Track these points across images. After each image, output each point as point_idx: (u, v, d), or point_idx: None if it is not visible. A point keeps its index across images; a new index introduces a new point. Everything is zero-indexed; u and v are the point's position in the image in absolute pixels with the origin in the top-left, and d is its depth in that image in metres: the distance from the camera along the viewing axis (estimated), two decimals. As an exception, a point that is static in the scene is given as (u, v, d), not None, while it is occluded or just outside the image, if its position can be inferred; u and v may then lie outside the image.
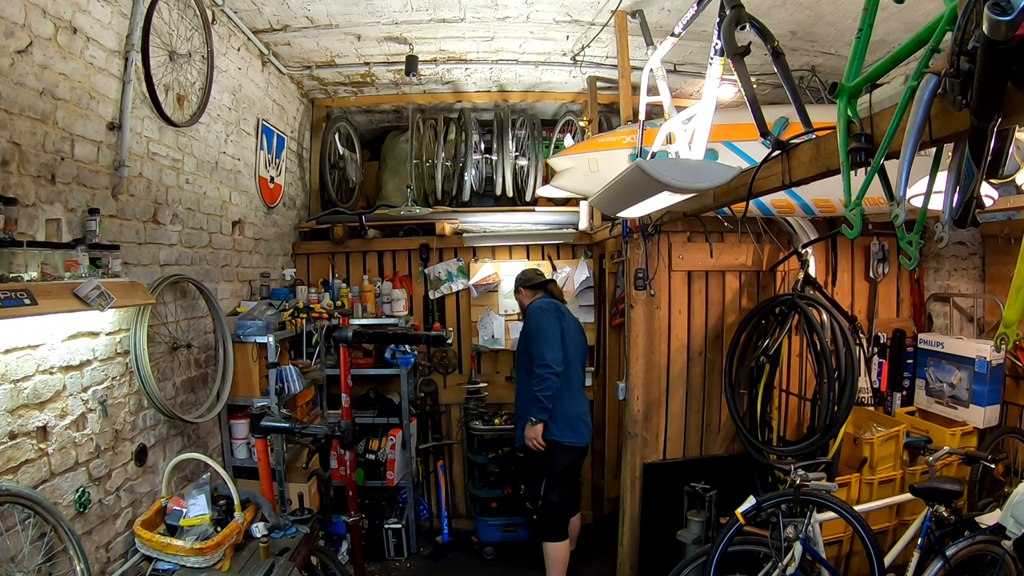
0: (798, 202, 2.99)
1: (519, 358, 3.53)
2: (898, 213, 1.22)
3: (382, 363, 4.07)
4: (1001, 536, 2.53)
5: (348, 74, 4.13)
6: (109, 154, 2.25)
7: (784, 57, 1.92)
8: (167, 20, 2.56)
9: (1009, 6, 0.78)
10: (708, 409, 3.58)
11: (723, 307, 3.57)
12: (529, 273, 3.70)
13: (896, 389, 3.92)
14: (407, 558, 3.92)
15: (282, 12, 3.20)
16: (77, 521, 2.00)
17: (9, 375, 1.76)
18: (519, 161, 4.63)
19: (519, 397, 3.54)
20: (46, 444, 1.89)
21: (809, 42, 3.54)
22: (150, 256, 2.53)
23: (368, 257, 4.53)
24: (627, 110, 3.35)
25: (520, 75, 4.23)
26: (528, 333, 3.39)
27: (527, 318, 3.48)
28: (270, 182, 3.82)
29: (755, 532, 2.63)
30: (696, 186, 1.98)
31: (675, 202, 2.28)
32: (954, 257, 4.08)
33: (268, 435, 2.59)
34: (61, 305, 1.79)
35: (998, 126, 1.00)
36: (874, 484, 3.26)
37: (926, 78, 1.09)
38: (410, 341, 3.84)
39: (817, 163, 1.64)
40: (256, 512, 2.36)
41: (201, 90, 2.85)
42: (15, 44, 1.79)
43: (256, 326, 3.04)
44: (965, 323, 4.02)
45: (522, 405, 3.43)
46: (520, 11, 3.26)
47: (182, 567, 2.06)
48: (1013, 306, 1.32)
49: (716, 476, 3.22)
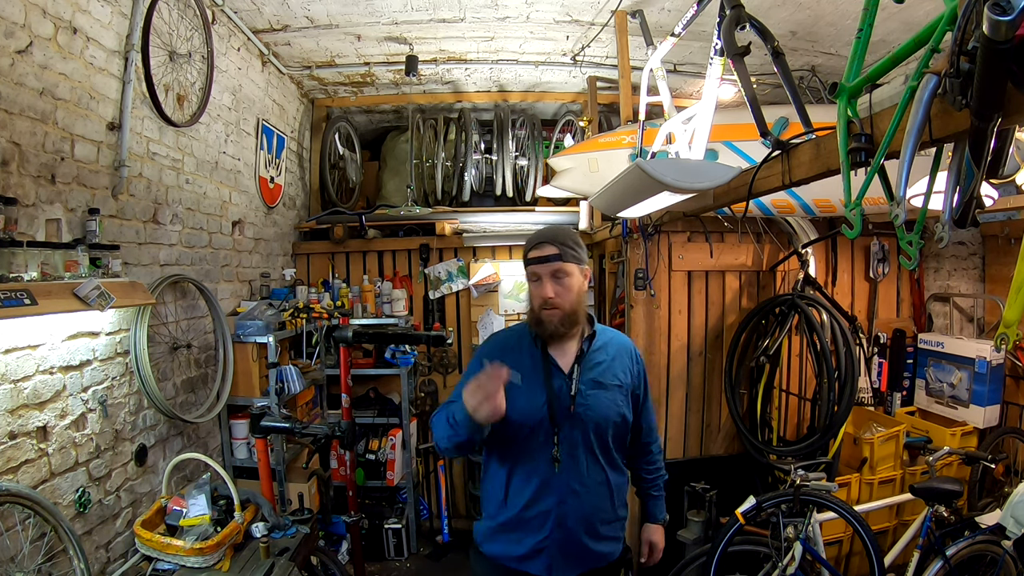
0: (798, 202, 2.99)
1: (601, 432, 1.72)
2: (898, 213, 1.21)
3: (382, 363, 4.07)
4: (1001, 536, 2.53)
5: (348, 74, 4.13)
6: (109, 154, 2.25)
7: (784, 57, 1.92)
8: (167, 20, 2.55)
9: (1009, 6, 0.78)
10: (708, 409, 3.58)
11: (723, 307, 3.57)
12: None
13: (896, 389, 3.92)
14: (407, 558, 3.91)
15: (282, 12, 3.20)
16: (77, 521, 2.00)
17: (9, 375, 1.76)
18: (519, 161, 4.63)
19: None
20: (46, 444, 1.89)
21: (809, 42, 3.54)
22: (150, 256, 2.52)
23: (368, 257, 4.53)
24: (627, 110, 3.35)
25: (520, 75, 4.22)
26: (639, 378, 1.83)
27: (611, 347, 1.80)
28: (270, 182, 3.82)
29: (755, 532, 2.63)
30: (696, 186, 1.98)
31: (675, 202, 2.28)
32: (954, 257, 4.08)
33: (268, 435, 2.59)
34: (61, 305, 1.79)
35: (998, 126, 1.00)
36: (874, 484, 3.26)
37: (926, 78, 1.08)
38: (410, 341, 3.84)
39: (817, 163, 1.64)
40: (256, 512, 2.36)
41: (201, 90, 2.85)
42: (15, 44, 1.79)
43: (256, 326, 3.04)
44: (965, 323, 4.02)
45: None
46: (520, 11, 3.26)
47: (182, 567, 2.06)
48: (1013, 306, 1.31)
49: (716, 476, 3.22)
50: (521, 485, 1.68)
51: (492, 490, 1.75)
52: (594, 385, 1.70)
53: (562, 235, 1.69)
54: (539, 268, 1.66)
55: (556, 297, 1.64)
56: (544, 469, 1.65)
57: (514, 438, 1.67)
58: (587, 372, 1.70)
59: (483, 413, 1.45)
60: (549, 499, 1.65)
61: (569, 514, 1.64)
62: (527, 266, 1.72)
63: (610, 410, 1.70)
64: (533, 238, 1.71)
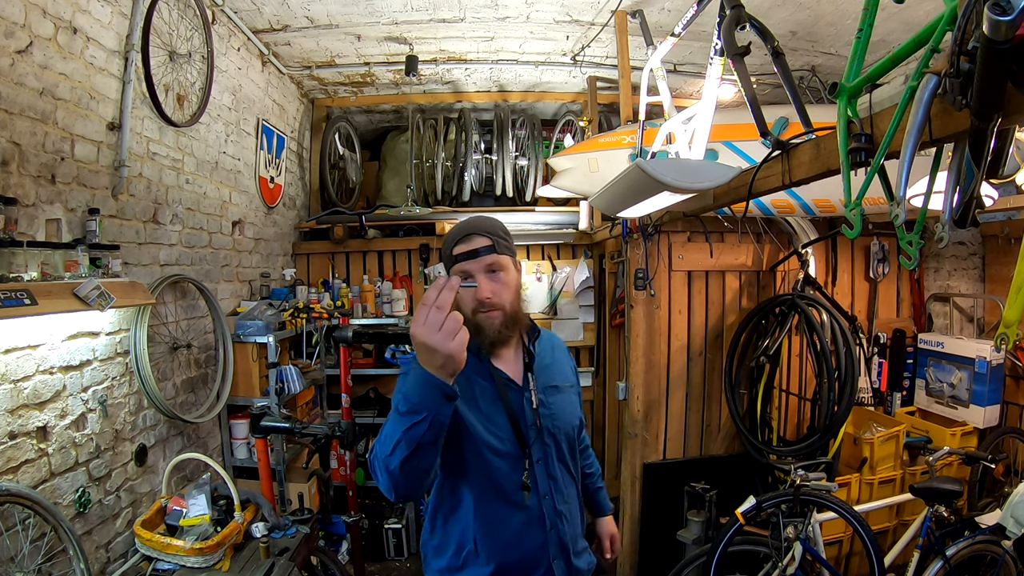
0: (798, 202, 2.99)
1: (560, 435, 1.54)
2: (898, 213, 1.21)
3: (382, 363, 4.07)
4: (1001, 536, 2.53)
5: (348, 74, 4.13)
6: (109, 154, 2.25)
7: (784, 57, 1.92)
8: (167, 20, 2.55)
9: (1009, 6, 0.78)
10: (708, 409, 3.57)
11: (723, 307, 3.57)
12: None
13: (896, 389, 3.92)
14: (407, 558, 3.91)
15: (282, 12, 3.20)
16: (77, 521, 2.00)
17: (9, 375, 1.76)
18: (519, 161, 4.63)
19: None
20: (46, 444, 1.89)
21: (809, 42, 3.54)
22: (150, 256, 2.52)
23: (368, 257, 4.53)
24: (627, 110, 3.35)
25: (520, 75, 4.22)
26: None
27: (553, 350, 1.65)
28: (270, 182, 3.82)
29: (755, 532, 2.63)
30: (696, 186, 1.98)
31: (675, 202, 2.28)
32: (954, 257, 4.08)
33: (268, 435, 2.58)
34: (61, 305, 1.79)
35: (998, 126, 1.00)
36: (874, 484, 3.26)
37: (926, 78, 1.08)
38: (410, 341, 3.83)
39: (817, 163, 1.64)
40: (256, 512, 2.36)
41: (201, 90, 2.85)
42: (15, 44, 1.79)
43: (256, 326, 3.04)
44: (965, 323, 4.02)
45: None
46: (520, 11, 3.26)
47: (182, 567, 2.06)
48: (1013, 306, 1.32)
49: (716, 476, 3.22)
50: (493, 528, 1.38)
51: (452, 531, 1.42)
52: (551, 391, 1.50)
53: (490, 224, 1.45)
54: (470, 264, 1.39)
55: (494, 296, 1.39)
56: (520, 501, 1.38)
57: (478, 473, 1.37)
58: (541, 377, 1.48)
59: (450, 348, 1.02)
60: (536, 535, 1.40)
61: (561, 540, 1.43)
62: (452, 263, 1.42)
63: (572, 415, 1.52)
64: (458, 230, 1.44)
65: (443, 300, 1.04)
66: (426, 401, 1.08)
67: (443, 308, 1.03)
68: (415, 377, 1.08)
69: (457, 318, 1.04)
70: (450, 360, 1.04)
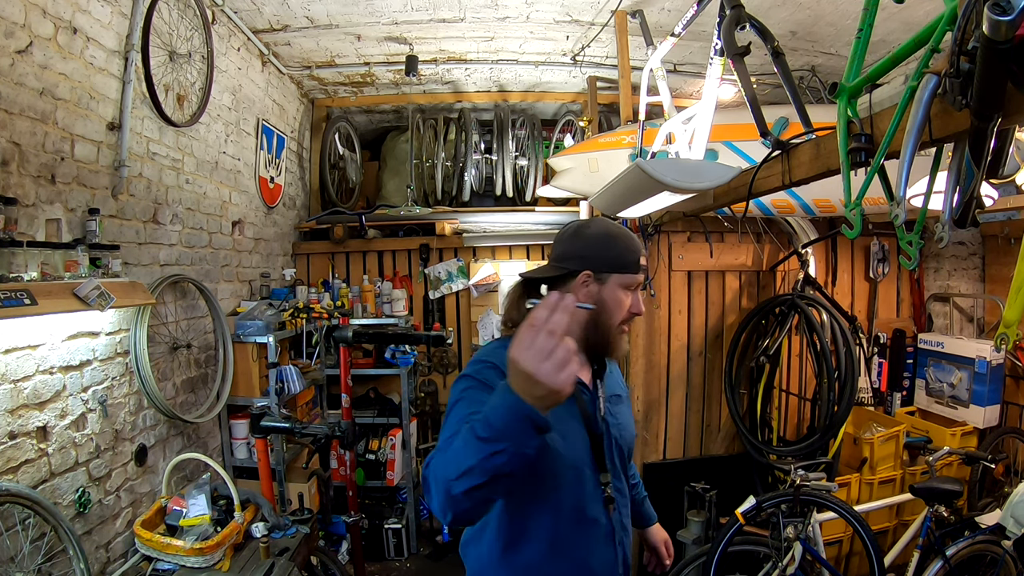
0: (798, 202, 2.99)
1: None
2: (898, 213, 1.22)
3: (382, 363, 4.07)
4: (1001, 536, 2.53)
5: (348, 74, 4.12)
6: (109, 154, 2.25)
7: (784, 57, 1.92)
8: (167, 20, 2.55)
9: (1009, 6, 0.78)
10: (708, 409, 3.58)
11: (723, 307, 3.58)
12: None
13: (896, 389, 3.92)
14: (407, 558, 3.91)
15: (282, 12, 3.20)
16: (77, 521, 2.00)
17: (9, 375, 1.76)
18: (519, 161, 4.63)
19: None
20: (46, 444, 1.89)
21: (809, 42, 3.54)
22: (150, 256, 2.52)
23: (368, 257, 4.53)
24: (627, 110, 3.35)
25: (520, 75, 4.22)
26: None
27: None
28: (270, 182, 3.82)
29: (755, 532, 2.63)
30: (696, 186, 1.98)
31: (675, 202, 2.28)
32: (954, 257, 4.08)
33: (268, 435, 2.58)
34: (61, 305, 1.79)
35: (998, 126, 1.00)
36: (874, 484, 3.26)
37: (926, 78, 1.09)
38: (410, 341, 3.84)
39: (817, 163, 1.64)
40: (256, 512, 2.36)
41: (201, 90, 2.85)
42: (15, 44, 1.79)
43: (256, 326, 3.04)
44: (965, 323, 4.02)
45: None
46: (520, 11, 3.26)
47: (182, 567, 2.06)
48: (1013, 306, 1.32)
49: (716, 476, 3.22)
50: (566, 549, 1.27)
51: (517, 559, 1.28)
52: (615, 400, 1.43)
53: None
54: (641, 277, 1.34)
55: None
56: (596, 518, 1.30)
57: (553, 489, 1.25)
58: (608, 385, 1.42)
59: (557, 382, 0.85)
60: (607, 552, 1.33)
61: (626, 555, 1.37)
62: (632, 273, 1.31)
63: (632, 425, 1.46)
64: (629, 240, 1.34)
65: (556, 323, 0.86)
66: (511, 431, 0.90)
67: (555, 333, 0.86)
68: (503, 402, 0.91)
69: (570, 347, 0.86)
70: (553, 395, 0.86)
